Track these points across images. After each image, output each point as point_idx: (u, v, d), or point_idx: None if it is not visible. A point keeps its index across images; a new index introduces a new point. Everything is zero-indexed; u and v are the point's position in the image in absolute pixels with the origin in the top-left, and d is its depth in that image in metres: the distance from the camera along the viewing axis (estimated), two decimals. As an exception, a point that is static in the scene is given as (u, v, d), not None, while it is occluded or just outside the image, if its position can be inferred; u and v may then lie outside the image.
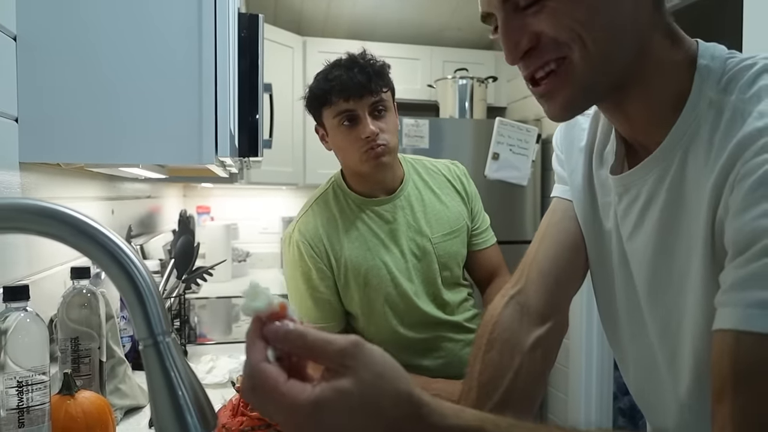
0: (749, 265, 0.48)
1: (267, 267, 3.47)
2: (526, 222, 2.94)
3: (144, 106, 1.00)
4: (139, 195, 2.09)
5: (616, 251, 0.73)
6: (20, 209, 0.44)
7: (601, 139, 0.76)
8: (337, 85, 1.17)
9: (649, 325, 0.68)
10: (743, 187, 0.50)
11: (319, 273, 1.21)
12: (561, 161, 0.85)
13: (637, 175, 0.65)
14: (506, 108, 3.45)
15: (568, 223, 0.81)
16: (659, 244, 0.63)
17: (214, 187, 3.35)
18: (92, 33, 0.98)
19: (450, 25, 3.25)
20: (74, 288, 0.97)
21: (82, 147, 0.99)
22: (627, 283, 0.72)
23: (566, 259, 0.80)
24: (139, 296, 0.46)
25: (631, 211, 0.67)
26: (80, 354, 0.97)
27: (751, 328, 0.46)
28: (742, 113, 0.53)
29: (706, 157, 0.57)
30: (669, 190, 0.62)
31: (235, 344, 1.75)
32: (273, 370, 0.42)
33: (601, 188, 0.75)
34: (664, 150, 0.62)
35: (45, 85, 0.96)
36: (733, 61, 0.59)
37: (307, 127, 3.07)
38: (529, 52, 0.60)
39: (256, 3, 2.92)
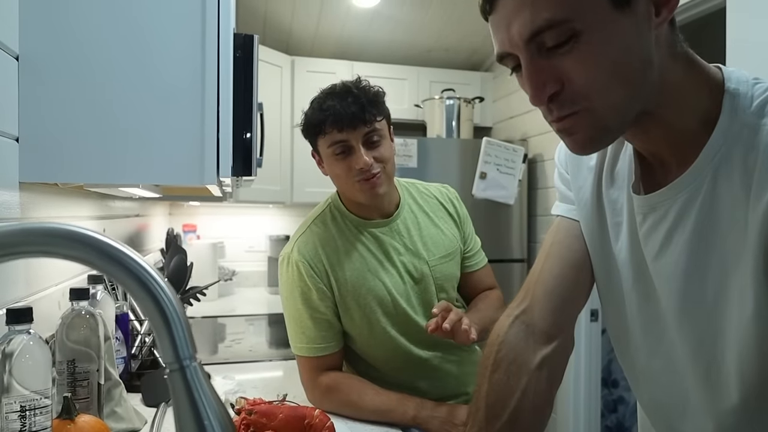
0: None
1: (253, 285, 3.44)
2: (513, 240, 2.96)
3: (146, 126, 1.00)
4: (128, 213, 2.07)
5: (631, 270, 0.73)
6: (49, 234, 0.44)
7: (611, 158, 0.77)
8: (331, 115, 1.17)
9: (677, 342, 0.69)
10: None
11: (319, 293, 1.20)
12: (565, 180, 0.86)
13: (666, 195, 0.66)
14: (492, 128, 3.50)
15: (572, 241, 0.82)
16: (691, 263, 0.64)
17: (200, 206, 3.33)
18: (95, 53, 0.98)
19: (437, 46, 3.30)
20: (73, 309, 0.96)
21: (82, 166, 0.98)
22: (646, 300, 0.73)
23: (571, 278, 0.81)
24: (166, 320, 0.46)
25: (657, 230, 0.68)
26: (77, 377, 0.95)
27: None
28: None
29: (744, 182, 0.58)
30: (700, 209, 0.63)
31: (224, 365, 1.72)
32: None
33: (610, 208, 0.76)
34: (695, 171, 0.63)
35: (47, 104, 0.96)
36: (761, 86, 0.61)
37: (295, 145, 3.07)
38: (553, 97, 0.59)
39: (246, 22, 2.93)
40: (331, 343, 1.22)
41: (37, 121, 0.96)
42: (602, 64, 0.57)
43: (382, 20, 3.03)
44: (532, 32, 0.57)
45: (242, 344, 2.13)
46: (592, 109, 0.59)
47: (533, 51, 0.58)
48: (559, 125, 0.62)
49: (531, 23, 0.56)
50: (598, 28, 0.56)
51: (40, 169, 0.97)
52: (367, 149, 1.18)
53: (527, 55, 0.59)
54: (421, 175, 2.80)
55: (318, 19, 3.01)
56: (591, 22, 0.56)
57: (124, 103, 0.99)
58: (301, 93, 3.02)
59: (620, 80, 0.58)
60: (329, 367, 1.23)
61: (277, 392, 1.38)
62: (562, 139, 0.64)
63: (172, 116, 1.01)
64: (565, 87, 0.58)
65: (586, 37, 0.56)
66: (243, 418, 1.01)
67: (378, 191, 1.19)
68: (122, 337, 1.33)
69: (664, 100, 0.62)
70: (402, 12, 2.96)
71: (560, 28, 0.56)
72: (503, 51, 0.61)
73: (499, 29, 0.61)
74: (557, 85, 0.58)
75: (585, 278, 0.81)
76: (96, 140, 0.98)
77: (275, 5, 2.88)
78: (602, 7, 0.56)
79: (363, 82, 1.24)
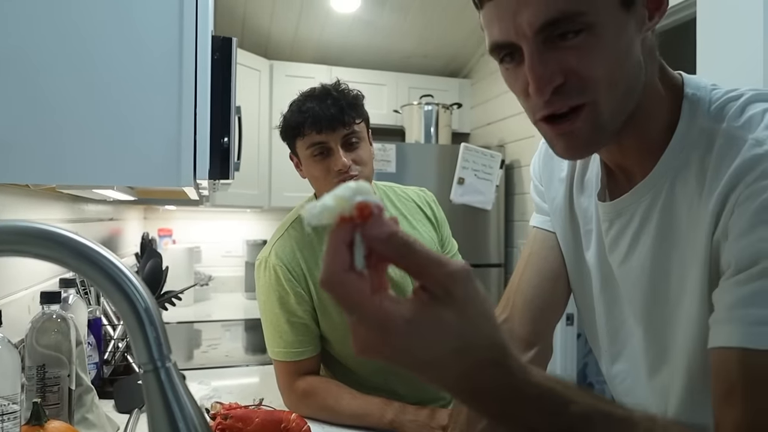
0: (750, 284, 0.51)
1: (230, 291, 3.40)
2: (491, 245, 2.99)
3: (121, 127, 0.98)
4: (102, 217, 2.03)
5: (599, 277, 0.75)
6: (20, 232, 0.43)
7: (581, 167, 0.78)
8: (310, 117, 1.17)
9: (638, 347, 0.71)
10: (746, 210, 0.52)
11: (296, 297, 1.19)
12: (540, 192, 0.87)
13: (629, 200, 0.67)
14: (470, 134, 3.53)
15: (548, 252, 0.84)
16: (655, 265, 0.66)
17: (176, 210, 3.28)
18: (66, 51, 0.96)
19: (416, 52, 3.32)
20: (44, 313, 0.94)
21: (54, 167, 0.96)
22: (612, 307, 0.74)
23: (547, 289, 0.83)
24: (140, 320, 0.46)
25: (623, 235, 0.69)
26: (47, 382, 0.93)
27: (756, 345, 0.49)
28: (736, 140, 0.57)
29: (699, 182, 0.59)
30: (661, 213, 0.64)
31: (200, 371, 1.70)
32: (356, 280, 0.37)
33: (582, 216, 0.78)
34: (656, 176, 0.64)
35: (17, 103, 0.94)
36: (718, 92, 0.62)
37: (273, 150, 3.06)
38: (556, 90, 0.57)
39: (224, 25, 2.92)
40: (308, 348, 1.21)
41: (6, 120, 0.93)
42: (608, 59, 0.56)
43: (362, 26, 3.04)
44: (545, 22, 0.55)
45: (218, 350, 2.11)
46: (595, 103, 0.58)
47: (539, 41, 0.56)
48: (557, 127, 0.60)
49: (545, 13, 0.54)
50: (607, 25, 0.56)
51: (10, 170, 0.94)
52: (346, 151, 1.19)
53: (533, 46, 0.56)
54: (399, 180, 2.80)
55: (297, 23, 3.01)
56: (603, 16, 0.55)
57: (99, 102, 0.97)
58: (280, 97, 3.01)
59: (623, 77, 0.58)
60: (306, 371, 1.22)
61: (253, 397, 1.37)
62: (555, 144, 0.62)
63: (148, 117, 1.00)
64: (567, 80, 0.57)
65: (596, 31, 0.55)
66: (218, 423, 0.99)
67: None
68: (95, 342, 1.31)
69: (644, 105, 0.62)
70: (381, 18, 2.97)
71: (574, 20, 0.55)
72: (505, 40, 0.58)
73: (502, 17, 0.57)
74: (561, 77, 0.57)
75: (561, 288, 0.83)
76: (69, 140, 0.96)
77: (254, 9, 2.87)
78: (613, 5, 0.56)
79: (342, 85, 1.24)
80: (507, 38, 0.58)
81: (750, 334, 0.49)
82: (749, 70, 1.61)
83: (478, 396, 0.42)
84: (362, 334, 0.39)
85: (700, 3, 1.80)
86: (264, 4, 2.83)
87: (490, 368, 0.40)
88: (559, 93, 0.57)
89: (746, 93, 0.60)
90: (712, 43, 1.74)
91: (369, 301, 0.37)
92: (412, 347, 0.38)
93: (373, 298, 0.37)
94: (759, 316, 0.49)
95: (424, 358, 0.39)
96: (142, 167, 1.00)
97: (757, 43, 1.59)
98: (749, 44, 1.61)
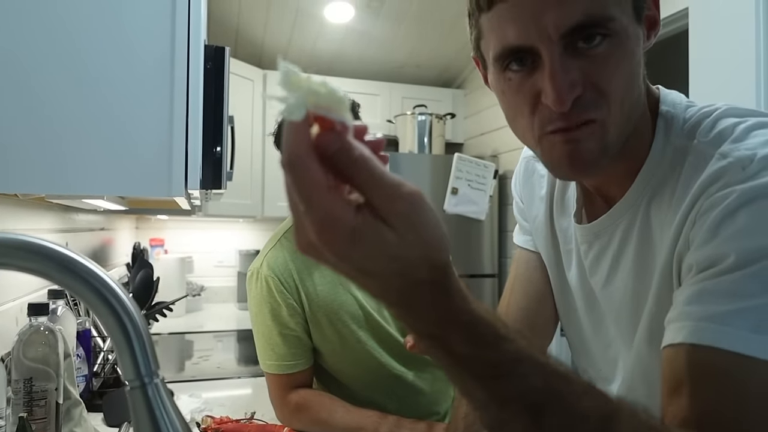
0: (701, 283, 0.50)
1: (222, 301, 3.38)
2: (484, 256, 2.98)
3: (111, 136, 0.97)
4: (93, 227, 2.01)
5: (582, 298, 0.74)
6: (4, 244, 0.42)
7: (561, 184, 0.77)
8: None
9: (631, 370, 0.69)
10: (707, 219, 0.51)
11: (289, 309, 1.18)
12: (521, 210, 0.86)
13: (606, 222, 0.66)
14: (463, 144, 3.54)
15: (533, 273, 0.83)
16: (638, 287, 0.64)
17: (168, 219, 3.26)
18: (57, 60, 0.95)
19: (409, 62, 3.33)
20: (31, 325, 0.92)
21: (44, 177, 0.95)
22: (598, 328, 0.73)
23: (535, 310, 0.82)
24: (127, 335, 0.44)
25: (603, 257, 0.68)
26: (34, 396, 0.91)
27: (701, 341, 0.48)
28: (705, 156, 0.55)
29: (670, 201, 0.58)
30: (639, 234, 0.63)
31: (191, 383, 1.68)
32: (317, 169, 0.35)
33: (562, 236, 0.76)
34: (632, 196, 0.62)
35: (4, 113, 0.93)
36: (693, 108, 0.61)
37: (266, 159, 3.05)
38: (577, 100, 0.54)
39: (218, 35, 2.91)
40: (300, 360, 1.19)
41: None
42: (627, 71, 0.55)
43: (355, 36, 3.04)
44: (575, 24, 0.52)
45: (210, 361, 2.08)
46: (603, 122, 0.55)
47: (562, 47, 0.53)
48: (570, 135, 0.56)
49: (575, 15, 0.51)
50: (629, 36, 0.54)
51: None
52: None
53: (556, 51, 0.52)
54: (393, 190, 2.80)
55: (291, 33, 3.01)
56: (626, 27, 0.54)
57: (89, 111, 0.96)
58: (273, 107, 2.99)
59: (631, 94, 0.56)
60: (299, 384, 1.20)
61: (245, 410, 1.35)
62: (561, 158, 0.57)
63: (139, 126, 0.99)
64: (586, 90, 0.54)
65: (621, 39, 0.53)
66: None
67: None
68: (84, 354, 1.29)
69: (637, 128, 0.61)
70: (375, 28, 2.98)
71: (605, 25, 0.52)
72: (524, 44, 0.54)
73: (521, 18, 0.53)
74: (582, 87, 0.53)
75: (550, 309, 0.83)
76: (58, 149, 0.95)
77: (248, 18, 2.87)
78: (629, 15, 0.54)
79: None
80: (526, 41, 0.53)
81: (696, 330, 0.48)
82: (742, 81, 1.62)
83: (413, 313, 0.41)
84: (306, 229, 0.37)
85: (693, 14, 1.81)
86: (258, 13, 2.83)
87: (427, 288, 0.40)
88: (578, 104, 0.54)
89: (719, 108, 0.59)
90: (704, 55, 1.75)
91: (324, 194, 0.35)
92: (352, 255, 0.37)
93: (328, 193, 0.35)
94: (705, 312, 0.48)
95: (363, 269, 0.38)
96: (133, 177, 0.99)
97: (750, 53, 1.60)
98: (741, 55, 1.62)
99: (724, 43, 1.68)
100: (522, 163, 0.85)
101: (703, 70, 1.72)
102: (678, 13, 1.90)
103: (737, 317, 0.47)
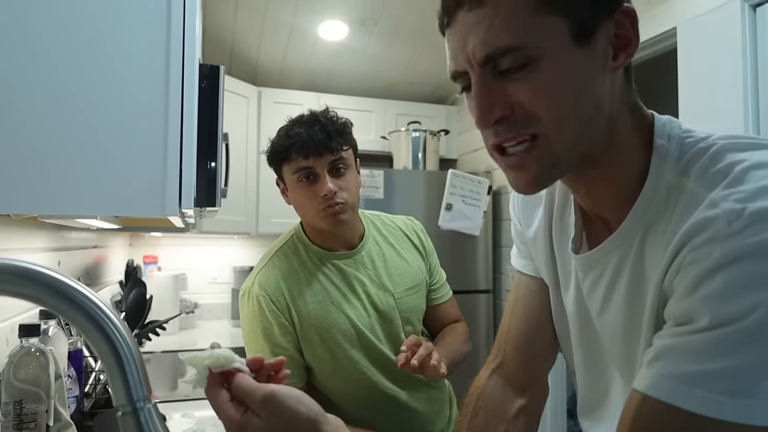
0: (671, 338, 0.52)
1: (216, 318, 3.36)
2: (479, 271, 2.98)
3: (104, 155, 0.97)
4: (85, 245, 2.00)
5: (577, 323, 0.75)
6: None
7: (559, 205, 0.76)
8: (297, 142, 1.17)
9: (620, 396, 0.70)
10: (689, 273, 0.52)
11: (280, 328, 1.17)
12: (519, 232, 0.86)
13: (600, 254, 0.66)
14: (457, 160, 3.55)
15: (533, 297, 0.84)
16: (629, 321, 0.64)
17: (162, 236, 3.25)
18: (49, 79, 0.95)
19: (403, 79, 3.35)
20: (22, 347, 0.91)
21: (36, 197, 0.95)
22: (590, 356, 0.74)
23: (535, 335, 0.83)
24: (119, 359, 0.44)
25: (597, 288, 0.68)
26: (24, 418, 0.90)
27: (652, 393, 0.50)
28: (696, 198, 0.55)
29: (663, 238, 0.58)
30: (632, 268, 0.62)
31: (184, 402, 1.66)
32: (221, 392, 0.59)
33: (561, 259, 0.77)
34: (625, 229, 0.62)
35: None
36: (690, 141, 0.60)
37: (261, 176, 3.05)
38: (501, 121, 0.57)
39: (213, 53, 2.93)
40: (293, 380, 1.19)
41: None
42: (554, 96, 0.56)
43: (349, 53, 3.06)
44: (488, 54, 0.55)
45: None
46: (545, 137, 0.57)
47: (486, 72, 0.57)
48: (505, 159, 0.60)
49: (489, 45, 0.55)
50: (555, 60, 0.55)
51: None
52: (333, 177, 1.18)
53: (479, 76, 0.57)
54: (387, 206, 2.81)
55: (285, 50, 3.03)
56: (549, 52, 0.54)
57: (82, 130, 0.96)
58: (268, 124, 3.01)
59: (570, 115, 0.56)
60: (292, 403, 1.19)
61: (238, 430, 1.34)
62: (507, 176, 0.61)
63: (133, 145, 0.99)
64: (515, 112, 0.57)
65: (541, 66, 0.55)
66: (201, 460, 0.97)
67: (341, 218, 1.18)
68: (75, 375, 1.27)
69: (612, 150, 0.61)
70: (368, 45, 3.00)
71: (517, 53, 0.54)
72: (456, 69, 0.60)
73: (455, 46, 0.59)
74: (506, 109, 0.57)
75: (550, 334, 0.83)
76: (51, 169, 0.94)
77: (242, 36, 2.89)
78: (562, 40, 0.55)
79: (331, 112, 1.24)
80: (458, 67, 0.59)
81: (656, 384, 0.50)
82: (730, 99, 1.64)
83: None
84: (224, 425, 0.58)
85: (681, 33, 1.84)
86: (252, 32, 2.86)
87: None
88: (505, 125, 0.57)
89: (717, 143, 0.57)
90: (692, 73, 1.78)
91: (222, 405, 0.58)
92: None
93: (225, 404, 0.58)
94: (668, 368, 0.50)
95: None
96: (127, 196, 0.99)
97: (737, 71, 1.62)
98: (729, 73, 1.64)
99: (711, 61, 1.70)
100: None
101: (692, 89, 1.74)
102: (666, 33, 1.92)
103: (699, 379, 0.48)
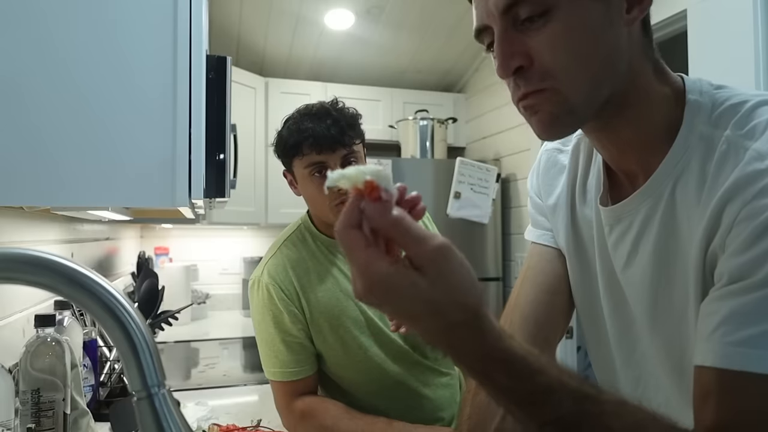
0: (732, 300, 0.51)
1: (227, 309, 3.39)
2: (488, 259, 2.98)
3: (115, 147, 0.98)
4: (98, 237, 2.03)
5: (602, 279, 0.74)
6: (12, 259, 0.43)
7: (583, 172, 0.77)
8: (310, 137, 1.17)
9: (649, 351, 0.70)
10: (744, 229, 0.52)
11: (290, 316, 1.18)
12: (537, 205, 0.86)
13: (629, 206, 0.67)
14: (465, 148, 3.54)
15: (545, 266, 0.83)
16: (656, 274, 0.65)
17: (173, 228, 3.28)
18: (60, 73, 0.96)
19: (410, 68, 3.34)
20: (38, 337, 0.93)
21: (49, 189, 0.96)
22: (619, 311, 0.73)
23: (545, 302, 0.81)
24: (133, 346, 0.45)
25: (623, 241, 0.69)
26: (41, 407, 0.92)
27: (732, 366, 0.49)
28: (737, 149, 0.55)
29: (698, 189, 0.59)
30: (661, 220, 0.63)
31: (197, 391, 1.69)
32: (356, 234, 0.45)
33: (584, 222, 0.77)
34: (656, 181, 0.63)
35: (8, 126, 0.94)
36: (722, 95, 0.61)
37: (269, 167, 3.06)
38: (520, 71, 0.59)
39: (219, 44, 2.93)
40: (304, 367, 1.20)
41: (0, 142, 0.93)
42: (570, 45, 0.57)
43: (356, 42, 3.06)
44: (508, 3, 0.57)
45: (216, 369, 2.09)
46: (556, 90, 0.58)
47: (508, 23, 0.59)
48: (524, 102, 0.61)
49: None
50: (570, 9, 0.56)
51: (4, 192, 0.94)
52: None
53: (501, 26, 0.59)
54: (395, 195, 2.81)
55: (291, 40, 3.02)
56: (566, 1, 0.56)
57: (93, 123, 0.97)
58: (276, 114, 3.02)
59: (585, 64, 0.58)
60: (304, 391, 1.21)
61: (251, 418, 1.36)
62: (527, 120, 0.63)
63: (142, 137, 0.99)
64: (534, 63, 0.58)
65: (559, 14, 0.56)
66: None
67: None
68: (90, 364, 1.30)
69: (633, 98, 0.62)
70: (375, 34, 2.99)
71: (541, 3, 0.56)
72: (481, 24, 0.61)
73: (478, 3, 0.61)
74: (526, 60, 0.58)
75: (561, 301, 0.82)
76: (63, 162, 0.95)
77: (249, 27, 2.89)
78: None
79: (340, 104, 1.24)
80: (483, 22, 0.61)
81: (725, 355, 0.50)
82: (741, 82, 1.62)
83: (454, 352, 0.49)
84: (354, 280, 0.46)
85: (691, 16, 1.81)
86: (258, 22, 2.85)
87: (461, 329, 0.46)
88: (522, 76, 0.59)
89: (752, 98, 0.58)
90: (703, 56, 1.76)
91: (360, 250, 0.45)
92: (389, 299, 0.45)
93: (365, 249, 0.45)
94: (733, 336, 0.50)
95: (402, 311, 0.46)
96: (137, 187, 1.00)
97: (748, 55, 1.60)
98: (740, 57, 1.62)
99: (722, 44, 1.69)
100: (543, 155, 0.85)
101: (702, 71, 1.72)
102: (676, 15, 1.90)
103: (765, 339, 0.48)
